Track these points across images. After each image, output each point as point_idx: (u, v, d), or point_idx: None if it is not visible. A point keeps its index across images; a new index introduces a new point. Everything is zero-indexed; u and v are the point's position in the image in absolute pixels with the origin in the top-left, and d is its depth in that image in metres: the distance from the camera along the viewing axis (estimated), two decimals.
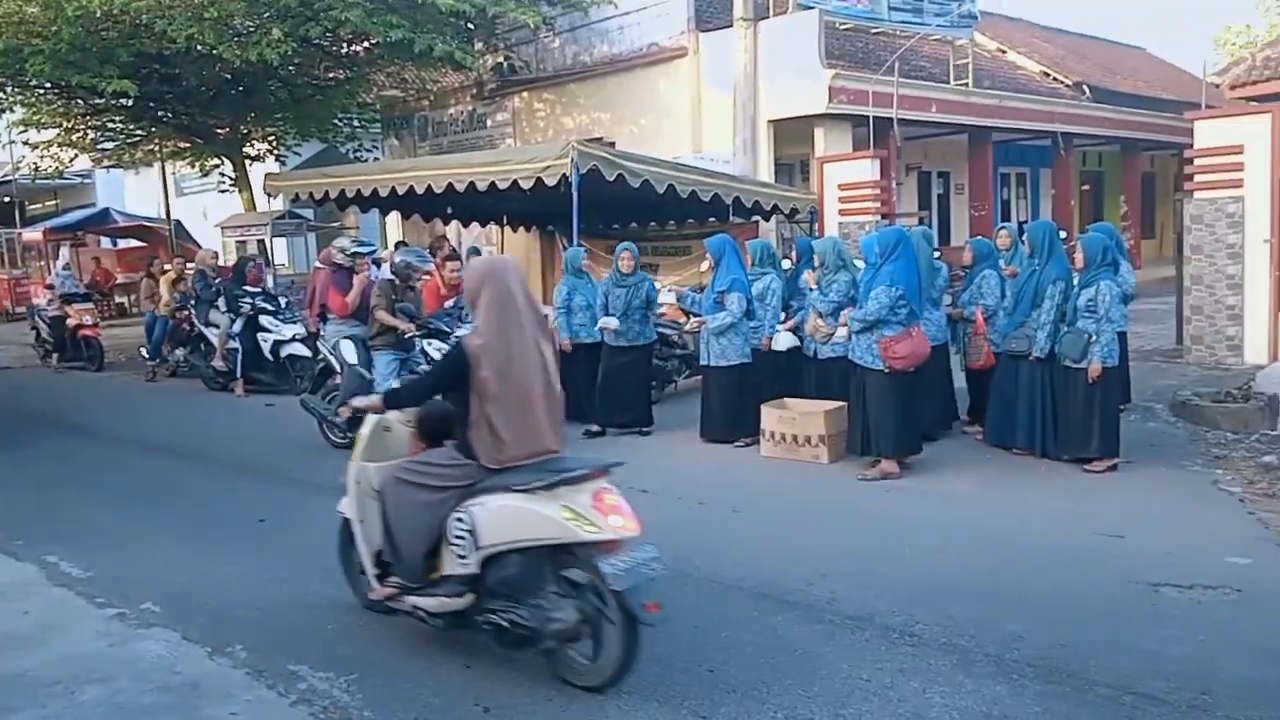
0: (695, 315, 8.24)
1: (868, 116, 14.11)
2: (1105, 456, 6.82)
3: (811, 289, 7.69)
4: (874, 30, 17.14)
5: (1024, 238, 7.66)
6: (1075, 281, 7.00)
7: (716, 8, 16.15)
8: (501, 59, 17.66)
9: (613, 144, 14.00)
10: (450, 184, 10.95)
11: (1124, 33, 57.56)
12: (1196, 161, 10.19)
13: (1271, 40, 17.86)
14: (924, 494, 6.55)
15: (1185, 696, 3.62)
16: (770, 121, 14.32)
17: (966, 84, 16.97)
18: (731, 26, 14.07)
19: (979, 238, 8.94)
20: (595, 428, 8.55)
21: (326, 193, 12.57)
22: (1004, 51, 22.10)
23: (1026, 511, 6.14)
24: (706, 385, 8.24)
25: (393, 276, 7.92)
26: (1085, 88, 20.98)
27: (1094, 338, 6.68)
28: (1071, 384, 6.87)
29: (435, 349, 7.95)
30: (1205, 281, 10.14)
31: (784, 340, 8.03)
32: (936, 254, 9.31)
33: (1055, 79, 21.36)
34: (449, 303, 8.57)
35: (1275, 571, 4.91)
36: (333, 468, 7.88)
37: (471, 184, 10.73)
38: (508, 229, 15.39)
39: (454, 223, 15.58)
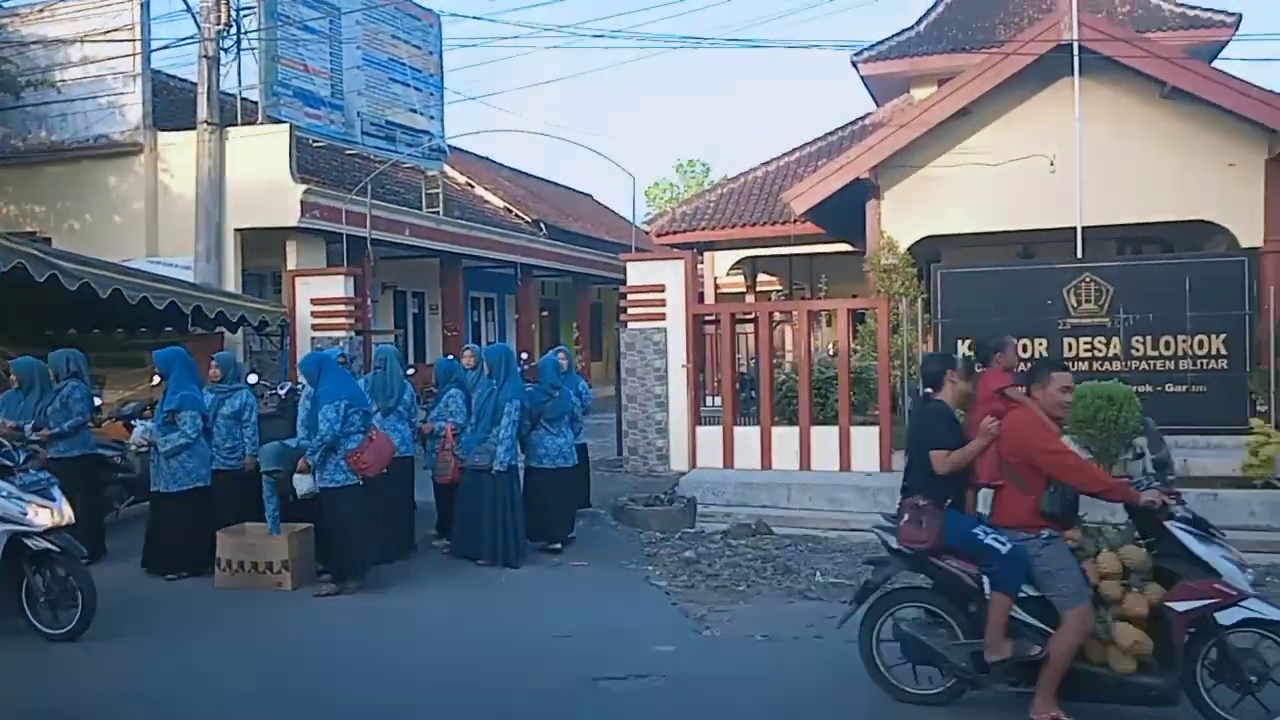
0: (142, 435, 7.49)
1: (342, 234, 14.20)
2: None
3: None
4: (348, 151, 17.41)
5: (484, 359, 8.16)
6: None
7: (177, 107, 15.27)
8: None
9: (48, 240, 12.41)
10: None
11: (571, 179, 65.12)
12: (629, 296, 11.74)
13: (689, 198, 21.49)
14: (392, 611, 6.51)
15: None
16: (238, 230, 13.74)
17: (438, 212, 17.89)
18: (194, 129, 13.39)
19: (443, 358, 9.36)
20: None
21: None
22: (472, 186, 23.77)
23: (489, 619, 6.39)
24: (156, 512, 7.48)
25: None
26: (542, 225, 23.27)
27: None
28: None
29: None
30: (638, 400, 11.59)
31: (304, 484, 6.76)
32: (412, 370, 9.36)
33: (517, 215, 23.41)
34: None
35: (693, 655, 5.62)
36: None
37: None
38: None
39: None
